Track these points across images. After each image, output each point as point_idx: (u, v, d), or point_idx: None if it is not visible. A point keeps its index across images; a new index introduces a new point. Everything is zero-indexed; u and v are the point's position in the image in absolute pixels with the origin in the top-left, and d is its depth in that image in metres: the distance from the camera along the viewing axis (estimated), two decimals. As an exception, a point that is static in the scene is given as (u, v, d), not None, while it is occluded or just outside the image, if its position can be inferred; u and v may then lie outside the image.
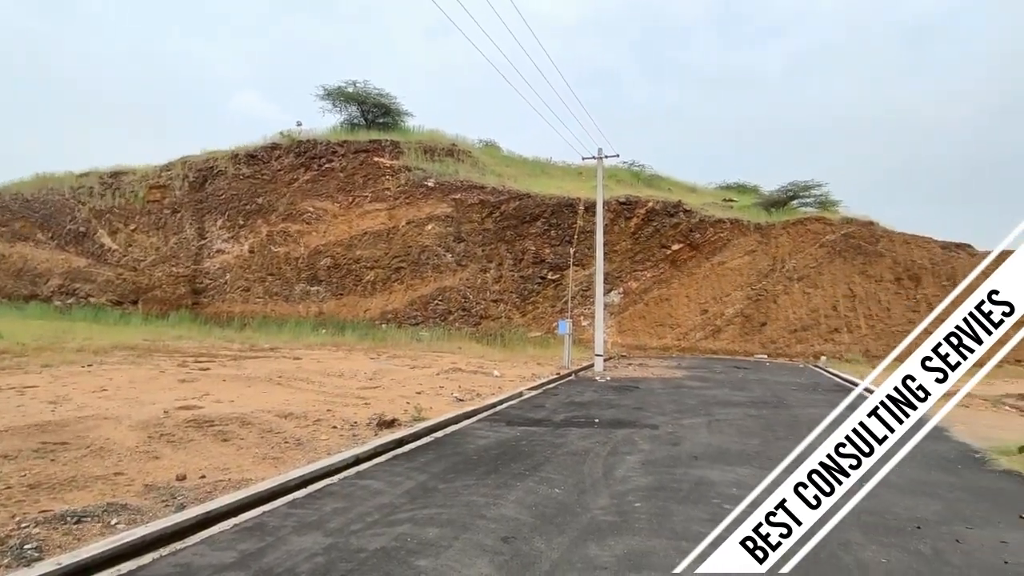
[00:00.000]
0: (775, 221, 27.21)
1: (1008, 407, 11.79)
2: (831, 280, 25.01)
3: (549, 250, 27.53)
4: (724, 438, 8.24)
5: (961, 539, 4.63)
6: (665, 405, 11.14)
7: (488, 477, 6.01)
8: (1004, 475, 6.69)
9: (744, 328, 25.38)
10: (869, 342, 23.61)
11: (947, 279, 23.87)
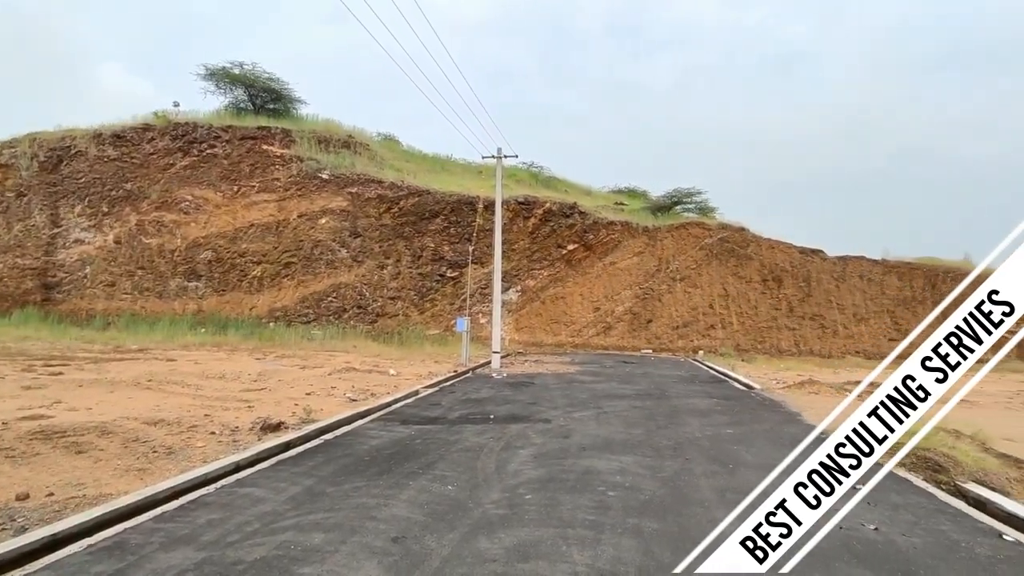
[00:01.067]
0: (661, 225, 29.04)
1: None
2: (708, 280, 27.14)
3: (448, 247, 27.44)
4: (611, 429, 8.69)
5: (807, 511, 5.22)
6: (558, 400, 11.54)
7: (380, 478, 5.90)
8: (843, 452, 7.63)
9: (632, 325, 26.86)
10: (740, 337, 25.93)
11: (803, 280, 26.79)
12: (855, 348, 25.79)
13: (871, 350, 25.24)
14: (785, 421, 9.90)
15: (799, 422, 9.82)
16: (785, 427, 9.32)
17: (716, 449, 7.57)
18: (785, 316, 26.38)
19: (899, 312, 26.36)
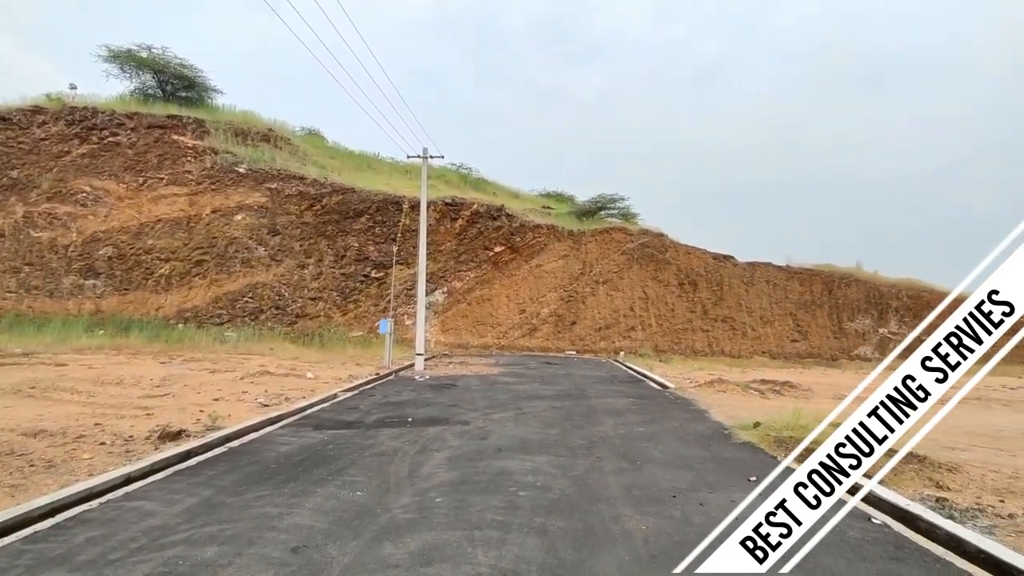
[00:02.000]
0: (586, 229, 29.81)
1: (753, 390, 14.34)
2: (630, 284, 28.14)
3: (373, 247, 26.90)
4: (528, 430, 8.82)
5: (704, 503, 5.53)
6: (479, 401, 11.58)
7: (285, 486, 5.70)
8: (743, 446, 8.14)
9: (557, 327, 27.39)
10: (658, 339, 27.05)
11: (716, 284, 28.33)
12: (761, 348, 27.57)
13: (775, 350, 27.08)
14: (693, 419, 10.42)
15: (706, 419, 10.37)
16: (693, 424, 9.82)
17: (627, 447, 7.86)
18: (699, 318, 27.80)
19: (800, 315, 28.45)
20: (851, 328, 28.06)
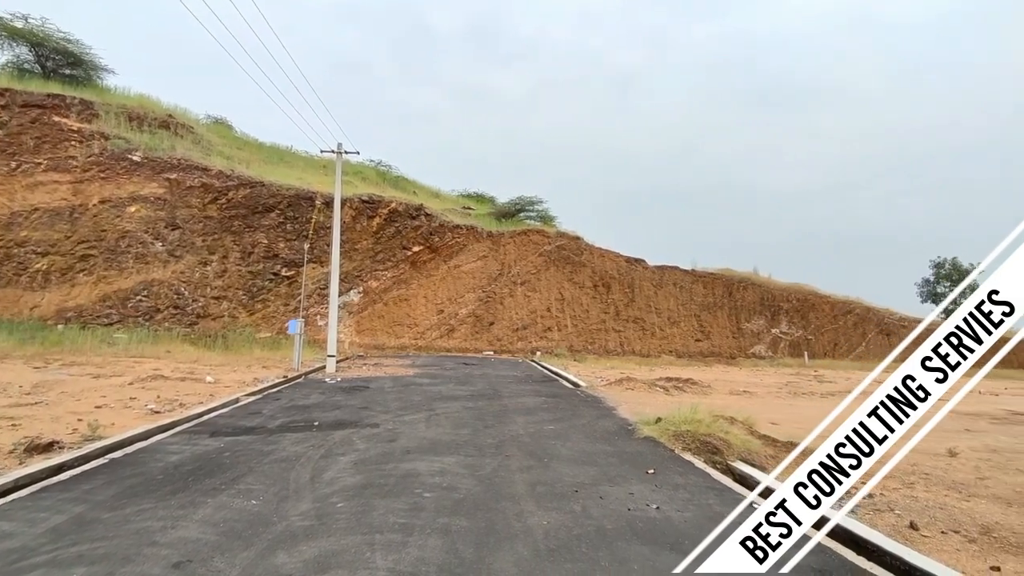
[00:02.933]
0: (504, 230, 30.09)
1: (659, 388, 15.05)
2: (547, 285, 28.70)
3: (284, 244, 25.74)
4: (439, 431, 8.78)
5: (604, 496, 5.74)
6: (391, 403, 11.38)
7: (172, 497, 5.33)
8: (644, 441, 8.52)
9: (475, 327, 27.44)
10: (573, 339, 27.78)
11: (628, 287, 29.51)
12: (669, 348, 29.03)
13: (681, 349, 28.60)
14: (602, 416, 10.79)
15: (613, 416, 10.77)
16: (600, 421, 10.17)
17: (535, 445, 8.02)
18: (612, 319, 28.84)
19: (704, 316, 30.23)
20: (748, 328, 30.18)
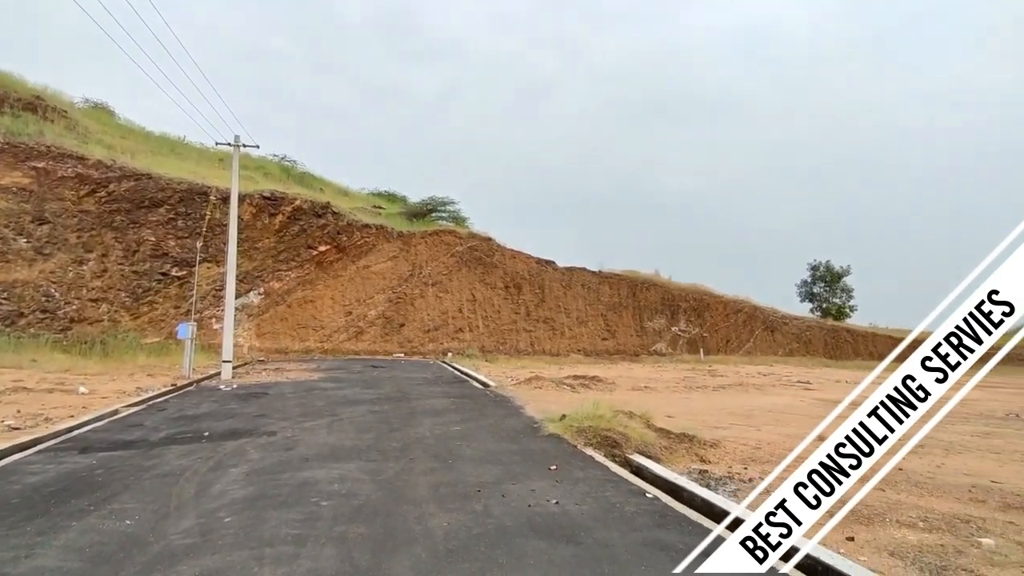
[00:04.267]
0: (416, 230, 29.71)
1: (566, 386, 15.48)
2: (459, 286, 28.67)
3: (175, 242, 23.90)
4: (341, 436, 8.52)
5: (506, 494, 5.82)
6: (291, 409, 10.89)
7: (29, 523, 4.79)
8: (549, 438, 8.73)
9: (385, 329, 26.87)
10: (485, 339, 27.94)
11: (539, 287, 30.13)
12: (577, 347, 29.94)
13: (589, 348, 29.60)
14: (509, 415, 10.93)
15: (520, 415, 10.94)
16: (507, 420, 10.30)
17: (441, 447, 7.98)
18: (523, 320, 29.31)
19: (610, 316, 31.47)
20: (650, 327, 31.79)
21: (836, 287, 47.39)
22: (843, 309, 46.67)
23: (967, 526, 5.41)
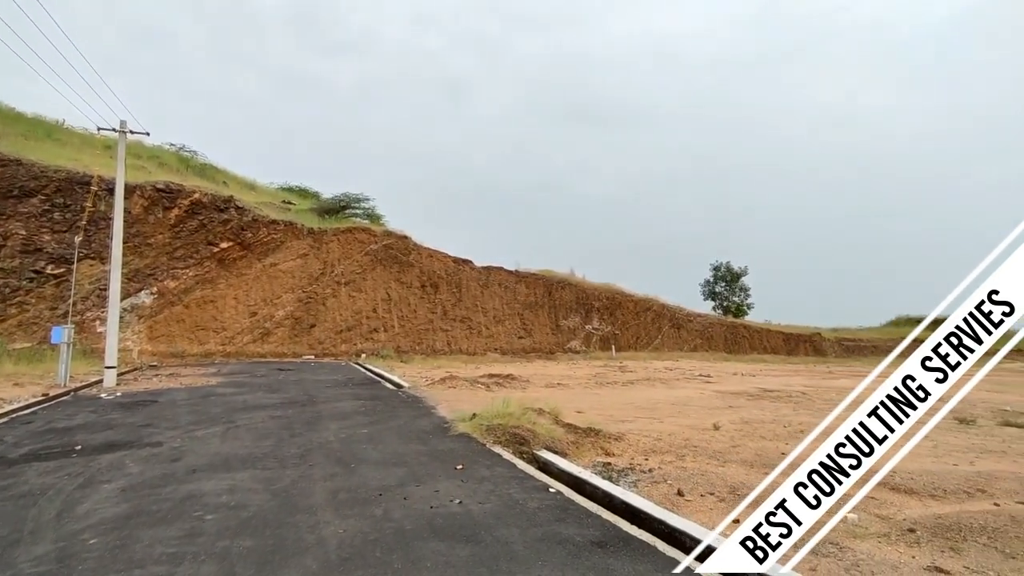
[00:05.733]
0: (328, 228, 28.63)
1: (480, 385, 15.47)
2: (373, 285, 27.94)
3: (51, 237, 21.59)
4: (236, 444, 8.01)
5: (408, 497, 5.69)
6: (182, 417, 10.12)
7: None
8: (458, 437, 8.65)
9: (294, 330, 25.70)
10: (400, 339, 27.41)
11: (456, 287, 29.96)
12: (494, 346, 30.07)
13: (506, 347, 29.81)
14: (420, 416, 10.75)
15: (432, 415, 10.79)
16: (418, 421, 10.12)
17: (345, 451, 7.70)
18: (440, 319, 29.03)
19: (526, 315, 31.86)
20: (565, 325, 32.52)
21: (735, 286, 50.82)
22: (741, 307, 50.11)
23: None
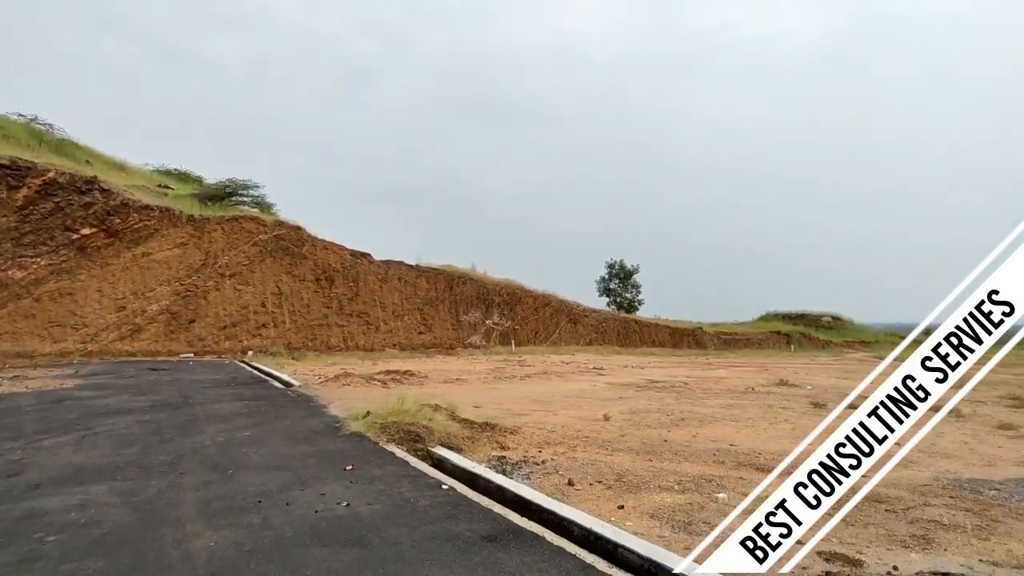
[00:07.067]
0: (211, 215, 26.54)
1: (376, 381, 15.06)
2: (262, 278, 26.29)
3: None
4: (94, 454, 7.17)
5: (291, 502, 5.37)
6: (26, 426, 8.90)
7: None
8: (350, 437, 8.33)
9: (170, 326, 23.57)
10: (292, 335, 26.05)
11: (353, 280, 28.97)
12: (393, 341, 29.42)
13: (405, 342, 29.28)
14: (310, 415, 10.25)
15: (323, 414, 10.33)
16: (307, 421, 9.64)
17: (222, 456, 7.15)
18: (336, 314, 27.91)
19: (427, 310, 31.48)
20: (466, 320, 32.53)
21: (628, 283, 53.55)
22: (633, 303, 52.90)
23: (709, 484, 6.37)
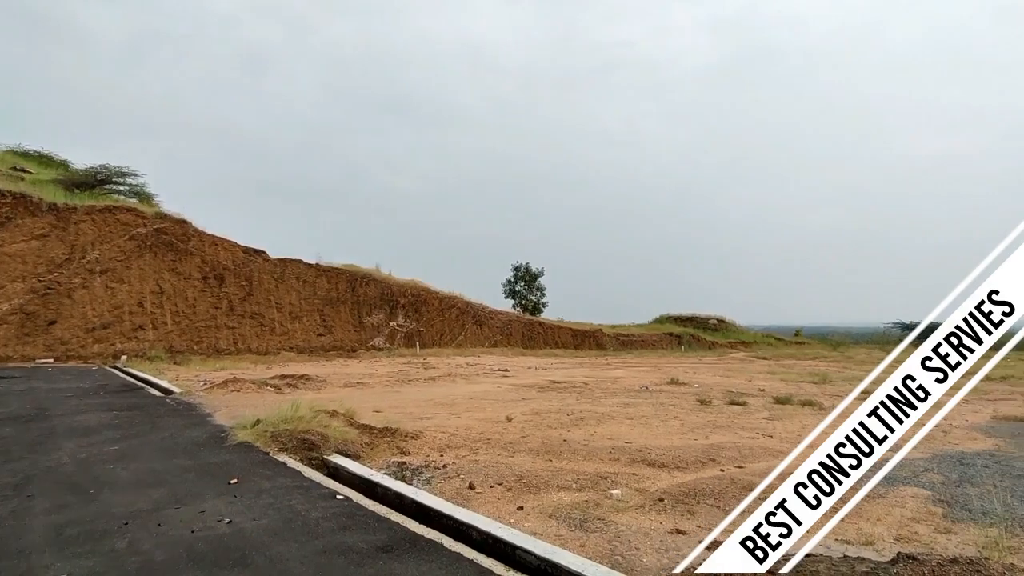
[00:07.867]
0: (79, 204, 23.82)
1: (269, 387, 14.21)
2: (140, 275, 23.97)
3: None
4: (-84, 478, 6.15)
5: (164, 522, 4.90)
6: None
7: None
8: (237, 448, 7.78)
9: (25, 328, 20.85)
10: (174, 338, 23.97)
11: (246, 279, 27.18)
12: (290, 344, 27.93)
13: (303, 345, 27.90)
14: (190, 425, 9.47)
15: (206, 424, 9.59)
16: (187, 432, 8.89)
17: (83, 474, 6.40)
18: (225, 315, 26.02)
19: (327, 311, 30.20)
20: (368, 322, 31.56)
21: (533, 286, 54.64)
22: (538, 305, 54.05)
23: (605, 482, 6.59)
